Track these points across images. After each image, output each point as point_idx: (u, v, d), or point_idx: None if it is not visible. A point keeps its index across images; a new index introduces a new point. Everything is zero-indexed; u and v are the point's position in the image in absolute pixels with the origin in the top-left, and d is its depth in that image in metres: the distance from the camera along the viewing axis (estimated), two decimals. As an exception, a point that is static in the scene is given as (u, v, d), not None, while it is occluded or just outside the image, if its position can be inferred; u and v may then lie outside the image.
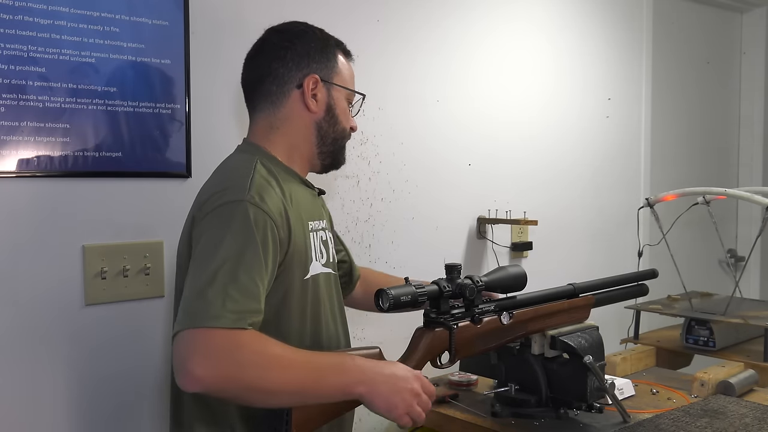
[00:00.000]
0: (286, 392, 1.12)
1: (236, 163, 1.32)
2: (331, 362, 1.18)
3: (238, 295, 1.10)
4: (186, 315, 1.08)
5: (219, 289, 1.09)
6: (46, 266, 1.55)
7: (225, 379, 1.06)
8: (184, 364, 1.05)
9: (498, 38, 2.47)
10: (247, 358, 1.08)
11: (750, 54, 3.62)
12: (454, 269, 1.38)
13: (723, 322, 2.17)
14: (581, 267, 2.71)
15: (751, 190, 2.31)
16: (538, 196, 2.60)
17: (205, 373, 1.04)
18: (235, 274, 1.11)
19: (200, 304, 1.08)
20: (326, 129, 1.37)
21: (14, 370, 1.52)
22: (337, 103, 1.37)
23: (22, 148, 1.51)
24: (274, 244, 1.19)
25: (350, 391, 1.16)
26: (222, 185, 1.24)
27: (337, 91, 1.37)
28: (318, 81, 1.34)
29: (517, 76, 2.54)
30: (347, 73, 1.40)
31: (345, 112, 1.40)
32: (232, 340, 1.07)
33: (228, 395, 1.10)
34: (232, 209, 1.17)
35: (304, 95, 1.34)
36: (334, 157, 1.41)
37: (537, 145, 2.62)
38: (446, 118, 2.32)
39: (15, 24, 1.49)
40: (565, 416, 1.55)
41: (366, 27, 2.08)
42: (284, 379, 1.11)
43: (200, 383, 1.05)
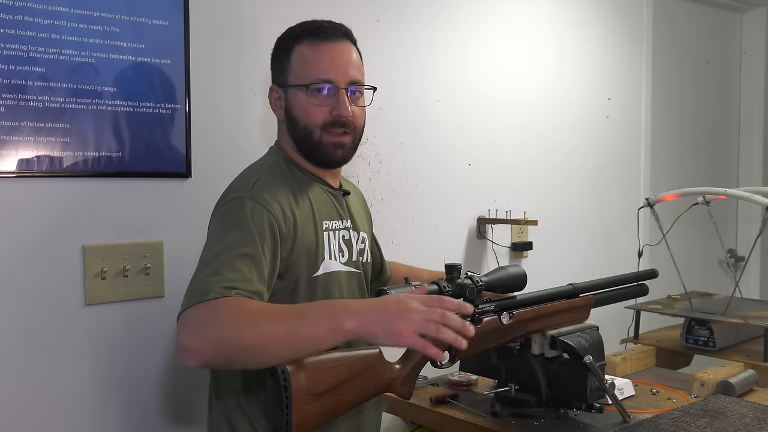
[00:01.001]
0: (272, 343, 1.08)
1: (256, 165, 1.40)
2: (313, 306, 1.18)
3: (229, 273, 1.14)
4: (183, 302, 1.14)
5: (211, 272, 1.14)
6: (46, 266, 1.55)
7: (211, 343, 1.07)
8: (178, 341, 1.09)
9: (498, 38, 2.47)
10: (225, 319, 1.09)
11: (750, 54, 3.62)
12: (454, 269, 1.38)
13: (723, 322, 2.17)
14: (581, 267, 2.71)
15: (751, 190, 2.31)
16: (538, 196, 2.60)
17: (192, 343, 1.07)
18: (230, 262, 1.16)
19: (192, 288, 1.14)
20: (292, 131, 1.40)
21: (14, 370, 1.52)
22: (293, 103, 1.37)
23: (22, 148, 1.51)
24: (273, 237, 1.23)
25: (339, 327, 1.08)
26: (234, 184, 1.33)
27: (293, 91, 1.37)
28: (277, 89, 1.41)
29: (518, 76, 2.54)
30: (305, 64, 1.35)
31: (303, 108, 1.36)
32: (213, 306, 1.10)
33: (220, 361, 1.11)
34: (232, 205, 1.25)
35: (271, 106, 1.43)
36: (315, 154, 1.38)
37: (537, 146, 2.62)
38: (446, 118, 2.32)
39: (15, 24, 1.49)
40: (565, 416, 1.55)
41: (366, 27, 2.08)
42: (266, 330, 1.08)
43: (192, 353, 1.07)
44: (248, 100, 1.85)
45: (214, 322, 1.09)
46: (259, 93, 1.86)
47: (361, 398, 1.26)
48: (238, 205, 1.24)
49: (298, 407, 1.16)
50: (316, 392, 1.18)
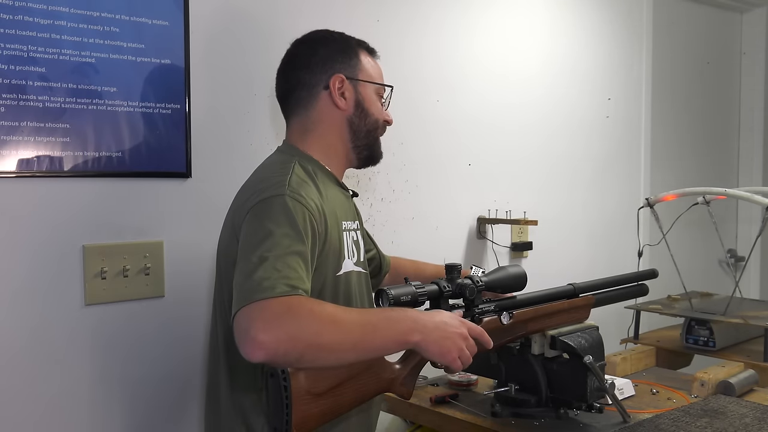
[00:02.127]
0: (344, 348, 1.14)
1: (274, 163, 1.38)
2: (383, 316, 1.20)
3: (287, 271, 1.14)
4: (240, 296, 1.12)
5: (269, 267, 1.13)
6: (46, 266, 1.55)
7: (286, 339, 1.08)
8: (247, 334, 1.08)
9: (498, 38, 2.47)
10: (304, 317, 1.10)
11: (750, 54, 3.62)
12: (454, 269, 1.39)
13: (723, 322, 2.17)
14: (581, 267, 2.71)
15: (751, 190, 2.31)
16: (538, 196, 2.60)
17: (267, 338, 1.07)
18: (283, 257, 1.16)
19: (252, 283, 1.12)
20: (358, 123, 1.43)
21: (14, 370, 1.52)
22: (366, 97, 1.44)
23: (22, 148, 1.51)
24: (313, 234, 1.24)
25: (406, 339, 1.19)
26: (261, 183, 1.30)
27: (364, 86, 1.44)
28: (344, 79, 1.41)
29: (518, 75, 2.54)
30: (372, 69, 1.47)
31: (376, 105, 1.46)
32: (287, 303, 1.10)
33: (291, 358, 1.11)
34: (273, 203, 1.23)
35: (332, 95, 1.41)
36: (371, 149, 1.48)
37: (537, 145, 2.62)
38: (446, 118, 2.32)
39: (15, 24, 1.49)
40: (565, 416, 1.55)
41: (366, 27, 2.08)
42: (341, 334, 1.13)
43: (264, 348, 1.07)
44: (248, 100, 1.85)
45: (293, 319, 1.09)
46: (259, 93, 1.86)
47: (362, 398, 1.27)
48: (279, 202, 1.23)
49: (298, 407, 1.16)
50: (316, 392, 1.18)
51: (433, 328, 1.21)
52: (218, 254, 1.40)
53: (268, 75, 1.85)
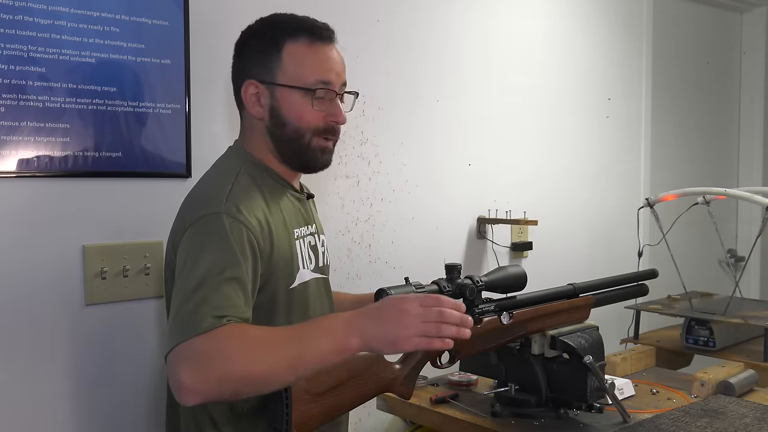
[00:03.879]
0: (279, 371, 1.07)
1: (220, 172, 1.30)
2: (314, 328, 1.12)
3: (218, 300, 1.08)
4: (170, 335, 1.08)
5: (199, 299, 1.07)
6: (46, 266, 1.55)
7: (215, 379, 1.03)
8: (176, 380, 1.03)
9: (498, 38, 2.47)
10: (230, 351, 1.04)
11: (750, 54, 3.62)
12: (454, 269, 1.38)
13: (723, 322, 2.17)
14: (581, 267, 2.71)
15: (751, 190, 2.31)
16: (538, 196, 2.60)
17: (195, 382, 1.02)
18: (217, 287, 1.09)
19: (180, 319, 1.07)
20: (275, 133, 1.30)
21: (14, 370, 1.52)
22: (283, 104, 1.28)
23: (22, 148, 1.51)
24: (253, 254, 1.17)
25: (345, 347, 1.09)
26: (202, 197, 1.24)
27: (284, 90, 1.27)
28: (257, 85, 1.29)
29: (517, 75, 2.54)
30: (300, 65, 1.27)
31: (298, 110, 1.28)
32: (210, 340, 1.04)
33: (227, 394, 1.08)
34: (208, 222, 1.16)
35: (245, 102, 1.31)
36: (300, 158, 1.31)
37: (537, 145, 2.62)
38: (446, 118, 2.32)
39: (15, 24, 1.49)
40: (565, 416, 1.55)
41: (366, 27, 2.08)
42: (272, 358, 1.06)
43: (195, 392, 1.02)
44: (248, 100, 1.85)
45: (217, 357, 1.03)
46: (259, 93, 1.85)
47: (362, 398, 1.26)
48: (214, 221, 1.15)
49: (298, 407, 1.16)
50: (316, 392, 1.18)
51: (370, 324, 1.10)
52: (164, 264, 1.34)
53: (268, 75, 1.86)
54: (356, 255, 2.11)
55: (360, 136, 2.09)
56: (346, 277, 2.07)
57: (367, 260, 2.12)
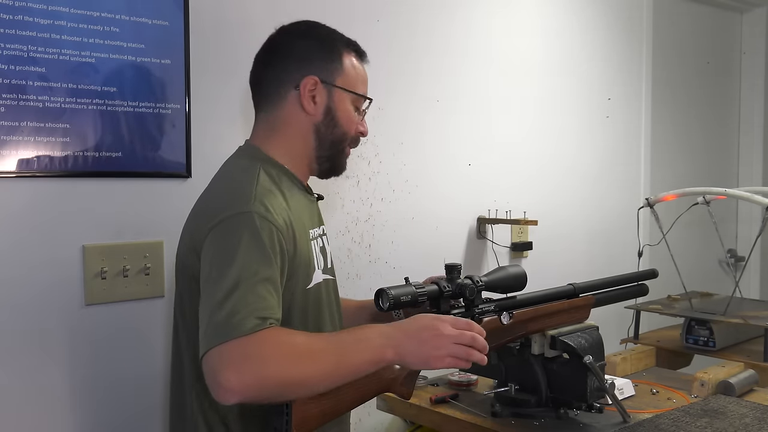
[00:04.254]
0: (318, 378, 1.11)
1: (239, 171, 1.29)
2: (354, 338, 1.16)
3: (257, 301, 1.09)
4: (209, 335, 1.08)
5: (238, 300, 1.08)
6: (46, 266, 1.55)
7: (256, 382, 1.06)
8: (216, 380, 1.05)
9: (498, 38, 2.47)
10: (273, 355, 1.07)
11: (750, 54, 3.62)
12: (454, 269, 1.38)
13: (723, 322, 2.17)
14: (581, 267, 2.71)
15: (751, 190, 2.31)
16: (538, 196, 2.60)
17: (236, 382, 1.04)
18: (252, 286, 1.10)
19: (220, 318, 1.07)
20: (324, 132, 1.33)
21: (14, 370, 1.52)
22: (338, 106, 1.33)
23: (22, 148, 1.51)
24: (282, 254, 1.18)
25: (380, 359, 1.16)
26: (226, 196, 1.23)
27: (340, 93, 1.32)
28: (317, 82, 1.30)
29: (518, 75, 2.54)
30: (354, 76, 1.35)
31: (348, 116, 1.34)
32: (256, 342, 1.06)
33: (266, 396, 1.10)
34: (239, 221, 1.15)
35: (301, 97, 1.30)
36: (333, 161, 1.37)
37: (537, 145, 2.62)
38: (446, 118, 2.32)
39: (15, 24, 1.49)
40: (565, 416, 1.55)
41: (366, 27, 2.08)
42: (313, 365, 1.11)
43: (234, 393, 1.04)
44: (248, 100, 1.84)
45: (260, 360, 1.06)
46: (259, 93, 1.85)
47: (362, 398, 1.26)
48: (245, 221, 1.15)
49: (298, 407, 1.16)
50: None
51: (406, 340, 1.17)
52: (176, 265, 1.32)
53: (268, 75, 1.86)
54: (356, 255, 2.11)
55: (360, 136, 2.09)
56: (346, 277, 2.07)
57: (367, 260, 2.12)
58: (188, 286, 1.24)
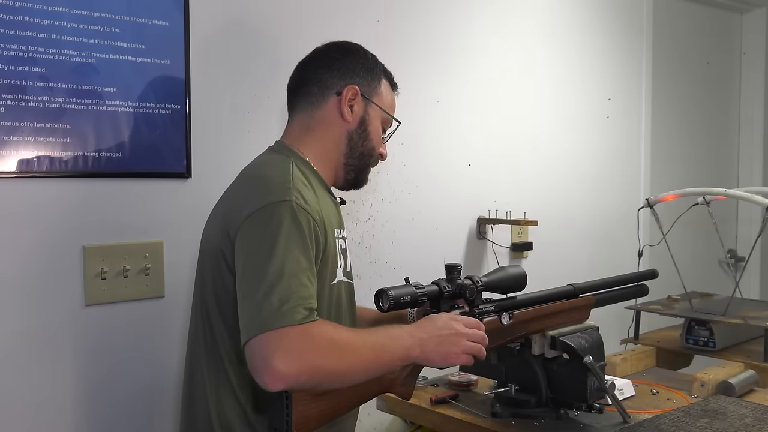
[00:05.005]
0: (356, 371, 1.18)
1: (273, 163, 1.33)
2: (387, 335, 1.22)
3: (301, 290, 1.13)
4: (256, 321, 1.11)
5: (284, 288, 1.12)
6: (46, 266, 1.55)
7: (308, 370, 1.11)
8: (268, 365, 1.08)
9: (498, 38, 2.47)
10: (324, 347, 1.13)
11: (750, 54, 3.62)
12: (454, 270, 1.39)
13: (723, 323, 2.17)
14: (581, 267, 2.71)
15: (751, 191, 2.31)
16: (538, 197, 2.60)
17: (288, 369, 1.08)
18: (297, 275, 1.14)
19: (268, 307, 1.11)
20: (356, 141, 1.40)
21: (15, 370, 1.52)
22: (371, 121, 1.41)
23: (23, 148, 1.51)
24: (317, 244, 1.22)
25: (407, 356, 1.23)
26: (262, 181, 1.26)
27: (374, 110, 1.41)
28: (357, 93, 1.38)
29: (518, 76, 2.54)
30: (389, 99, 1.45)
31: (377, 133, 1.43)
32: (308, 333, 1.11)
33: (310, 384, 1.14)
34: (277, 210, 1.19)
35: (341, 103, 1.37)
36: (358, 172, 1.44)
37: (537, 146, 2.62)
38: (446, 118, 2.32)
39: (15, 24, 1.49)
40: (565, 417, 1.55)
41: (366, 27, 2.08)
42: (355, 359, 1.17)
43: (286, 379, 1.09)
44: (248, 100, 1.85)
45: (315, 350, 1.11)
46: (259, 93, 1.86)
47: (361, 398, 1.27)
48: (284, 209, 1.18)
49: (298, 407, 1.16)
50: (317, 392, 1.18)
51: (428, 339, 1.24)
52: (202, 251, 1.35)
53: (268, 75, 1.86)
54: (356, 255, 2.11)
55: (360, 136, 2.09)
56: (346, 277, 2.07)
57: (367, 260, 2.12)
58: (218, 270, 1.27)
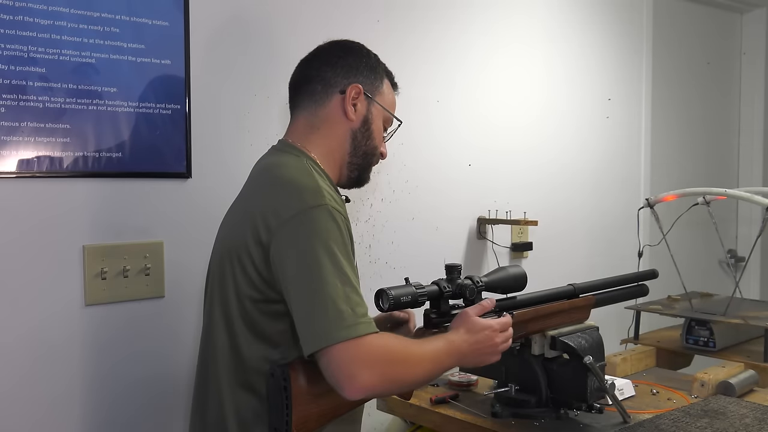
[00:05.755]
0: (419, 383, 1.25)
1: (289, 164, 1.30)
2: (440, 349, 1.25)
3: (358, 300, 1.16)
4: (325, 331, 1.12)
5: (344, 299, 1.14)
6: (46, 266, 1.55)
7: (386, 382, 1.15)
8: (353, 376, 1.11)
9: (498, 39, 2.47)
10: (399, 360, 1.17)
11: (750, 54, 3.62)
12: (454, 270, 1.39)
13: (723, 323, 2.17)
14: (581, 267, 2.71)
15: (751, 191, 2.31)
16: (538, 197, 2.60)
17: (371, 381, 1.11)
18: (349, 281, 1.16)
19: (336, 316, 1.12)
20: (360, 140, 1.39)
21: (14, 370, 1.52)
22: (374, 120, 1.41)
23: (23, 148, 1.51)
24: (351, 243, 1.26)
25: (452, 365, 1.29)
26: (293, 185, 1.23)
27: (377, 109, 1.41)
28: (361, 92, 1.38)
29: (518, 76, 2.54)
30: (391, 99, 1.45)
31: (379, 132, 1.43)
32: (379, 345, 1.15)
33: (382, 394, 1.21)
34: (317, 215, 1.18)
35: (345, 101, 1.37)
36: (361, 171, 1.43)
37: (537, 146, 2.62)
38: (446, 118, 2.32)
39: (15, 24, 1.49)
40: (565, 417, 1.55)
41: (366, 27, 2.08)
42: (421, 371, 1.21)
43: (367, 390, 1.12)
44: (248, 100, 1.85)
45: (391, 363, 1.15)
46: (259, 93, 1.86)
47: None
48: (325, 215, 1.19)
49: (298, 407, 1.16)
50: (316, 392, 1.19)
51: (468, 350, 1.29)
52: (221, 254, 1.33)
53: (268, 75, 1.86)
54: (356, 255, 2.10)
55: (360, 136, 2.09)
56: (346, 277, 2.07)
57: (367, 261, 2.12)
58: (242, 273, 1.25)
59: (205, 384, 1.33)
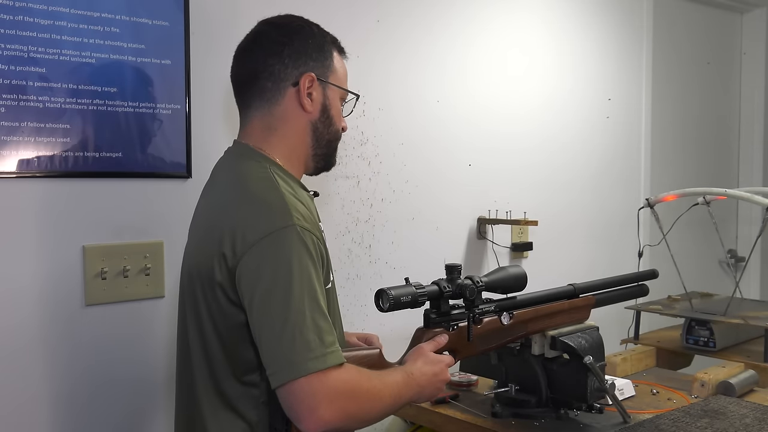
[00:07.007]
0: (378, 418, 1.21)
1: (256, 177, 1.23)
2: (399, 382, 1.23)
3: (327, 327, 1.12)
4: (291, 363, 1.08)
5: (311, 328, 1.10)
6: (46, 266, 1.55)
7: (346, 418, 1.11)
8: (313, 413, 1.08)
9: (498, 38, 2.47)
10: (361, 396, 1.15)
11: (750, 54, 3.62)
12: (454, 270, 1.39)
13: (723, 323, 2.17)
14: (581, 267, 2.71)
15: (751, 191, 2.31)
16: (538, 197, 2.60)
17: (332, 417, 1.09)
18: (318, 307, 1.13)
19: (302, 348, 1.09)
20: (321, 130, 1.32)
21: (14, 370, 1.52)
22: (332, 103, 1.33)
23: (23, 148, 1.51)
24: (321, 262, 1.20)
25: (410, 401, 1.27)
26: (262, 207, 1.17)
27: (332, 90, 1.32)
28: (314, 80, 1.28)
29: (518, 76, 2.54)
30: (342, 72, 1.35)
31: (338, 112, 1.35)
32: (344, 380, 1.12)
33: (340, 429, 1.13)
34: (285, 237, 1.13)
35: (300, 94, 1.28)
36: (327, 159, 1.37)
37: (537, 146, 2.62)
38: (446, 118, 2.32)
39: (15, 24, 1.49)
40: (565, 417, 1.55)
41: (365, 27, 2.08)
42: (381, 407, 1.19)
43: (326, 426, 1.09)
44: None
45: (353, 399, 1.13)
46: (259, 93, 1.85)
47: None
48: (293, 235, 1.13)
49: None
50: None
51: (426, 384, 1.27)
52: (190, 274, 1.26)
53: (268, 75, 1.86)
54: (356, 255, 2.11)
55: (360, 136, 2.09)
56: (347, 278, 2.07)
57: (367, 261, 2.12)
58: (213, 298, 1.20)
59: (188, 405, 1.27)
